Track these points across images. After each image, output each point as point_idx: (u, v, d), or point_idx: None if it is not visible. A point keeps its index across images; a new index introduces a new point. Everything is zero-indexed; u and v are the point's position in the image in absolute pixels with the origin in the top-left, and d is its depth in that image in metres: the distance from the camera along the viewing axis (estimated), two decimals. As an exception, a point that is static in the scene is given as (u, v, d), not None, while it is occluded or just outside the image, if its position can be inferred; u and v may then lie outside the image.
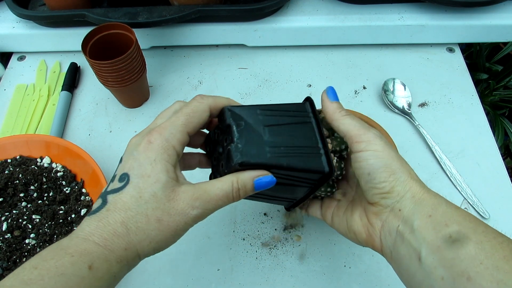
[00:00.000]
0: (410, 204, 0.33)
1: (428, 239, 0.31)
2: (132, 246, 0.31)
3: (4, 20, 0.69)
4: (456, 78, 0.67)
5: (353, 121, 0.36)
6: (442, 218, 0.31)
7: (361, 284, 0.48)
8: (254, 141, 0.34)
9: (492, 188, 0.55)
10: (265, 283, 0.48)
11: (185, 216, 0.32)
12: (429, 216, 0.32)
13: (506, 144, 1.07)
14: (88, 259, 0.29)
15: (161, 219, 0.31)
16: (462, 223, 0.30)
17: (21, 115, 0.63)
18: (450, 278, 0.28)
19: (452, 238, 0.30)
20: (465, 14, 0.66)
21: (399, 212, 0.34)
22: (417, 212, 0.32)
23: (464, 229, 0.30)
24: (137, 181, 0.32)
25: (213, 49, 0.72)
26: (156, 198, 0.31)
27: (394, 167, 0.34)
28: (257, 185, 0.34)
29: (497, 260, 0.27)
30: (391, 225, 0.34)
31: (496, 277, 0.26)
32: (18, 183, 0.52)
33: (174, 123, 0.33)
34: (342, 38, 0.69)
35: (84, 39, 0.54)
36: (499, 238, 0.29)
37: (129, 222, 0.31)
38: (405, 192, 0.34)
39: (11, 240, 0.47)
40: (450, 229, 0.30)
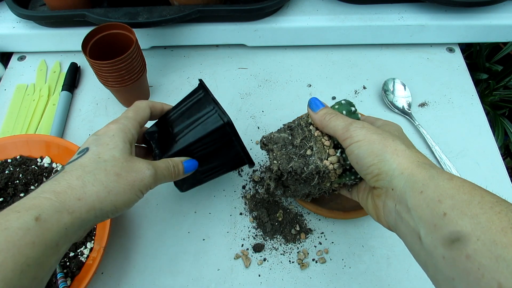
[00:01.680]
0: (401, 182, 0.33)
1: (424, 218, 0.30)
2: (88, 196, 0.32)
3: (4, 20, 0.69)
4: (456, 78, 0.67)
5: (337, 121, 0.38)
6: (434, 194, 0.30)
7: (361, 284, 0.48)
8: (166, 141, 0.44)
9: (492, 188, 0.54)
10: (265, 283, 0.48)
11: (142, 173, 0.36)
12: (421, 192, 0.31)
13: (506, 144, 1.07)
14: (35, 211, 0.30)
15: (120, 174, 0.35)
16: (455, 196, 0.29)
17: (21, 115, 0.63)
18: (450, 257, 0.28)
19: (446, 216, 0.29)
20: (465, 14, 0.66)
21: (392, 191, 0.34)
22: (408, 190, 0.32)
23: (458, 203, 0.29)
24: (95, 148, 0.36)
25: (213, 49, 0.72)
26: (114, 158, 0.36)
27: (376, 149, 0.35)
28: (186, 165, 0.42)
29: (494, 234, 0.26)
30: (390, 206, 0.35)
31: (494, 253, 0.25)
32: (18, 183, 0.53)
33: (126, 116, 0.41)
34: (342, 38, 0.69)
35: (84, 39, 0.54)
36: (496, 207, 0.27)
37: (86, 176, 0.33)
38: (393, 170, 0.34)
39: (11, 240, 0.47)
40: (443, 205, 0.29)
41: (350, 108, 0.43)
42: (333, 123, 0.39)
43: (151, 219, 0.54)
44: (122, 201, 0.34)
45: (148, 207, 0.55)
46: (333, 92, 0.66)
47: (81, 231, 0.33)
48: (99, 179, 0.33)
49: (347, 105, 0.43)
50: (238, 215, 0.53)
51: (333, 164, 0.39)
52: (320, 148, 0.40)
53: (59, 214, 0.31)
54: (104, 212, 0.34)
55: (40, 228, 0.29)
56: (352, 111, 0.43)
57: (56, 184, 0.32)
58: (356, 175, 0.41)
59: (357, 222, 0.53)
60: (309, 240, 0.51)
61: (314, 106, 0.42)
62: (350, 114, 0.42)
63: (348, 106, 0.43)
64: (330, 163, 0.39)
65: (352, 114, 0.43)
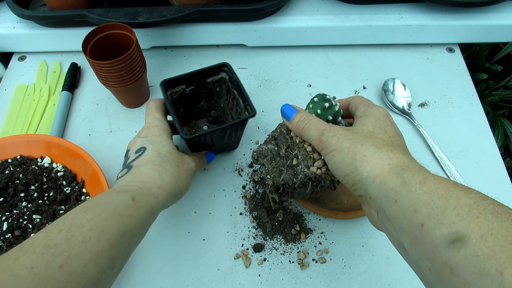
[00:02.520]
0: (375, 191, 0.32)
1: (404, 229, 0.29)
2: (165, 183, 0.40)
3: (5, 20, 0.69)
4: (456, 78, 0.67)
5: (310, 131, 0.39)
6: (408, 203, 0.28)
7: (361, 284, 0.48)
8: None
9: (492, 188, 0.55)
10: (265, 283, 0.48)
11: (190, 164, 0.46)
12: (395, 201, 0.29)
13: (506, 144, 1.07)
14: (131, 193, 0.37)
15: (179, 165, 0.44)
16: (430, 203, 0.27)
17: (22, 115, 0.63)
18: (435, 270, 0.26)
19: (424, 227, 0.27)
20: (465, 14, 0.66)
21: (370, 200, 0.33)
22: (383, 199, 0.31)
23: (433, 211, 0.27)
24: (152, 146, 0.43)
25: (213, 49, 0.72)
26: (171, 153, 0.44)
27: (346, 159, 0.34)
28: (208, 157, 0.53)
29: (474, 244, 0.24)
30: (373, 214, 0.34)
31: (477, 266, 0.23)
32: (18, 183, 0.53)
33: (156, 117, 0.47)
34: (342, 38, 0.69)
35: (85, 39, 0.54)
36: (474, 211, 0.25)
37: (158, 168, 0.41)
38: (365, 179, 0.33)
39: (11, 239, 0.47)
40: (419, 215, 0.27)
41: (324, 104, 0.41)
42: (307, 133, 0.39)
43: (151, 219, 0.54)
44: (185, 186, 0.44)
45: (148, 207, 0.55)
46: (333, 92, 0.66)
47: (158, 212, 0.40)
48: (169, 170, 0.42)
49: (321, 101, 0.41)
50: (238, 215, 0.53)
51: (320, 168, 0.39)
52: (304, 155, 0.40)
53: (147, 197, 0.38)
54: (175, 196, 0.42)
55: (135, 206, 0.36)
56: (327, 107, 0.41)
57: (138, 176, 0.40)
58: None
59: (357, 222, 0.53)
60: (309, 240, 0.51)
61: (286, 115, 0.41)
62: (325, 111, 0.41)
63: (321, 103, 0.41)
64: (317, 168, 0.39)
65: (328, 111, 0.41)
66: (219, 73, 0.55)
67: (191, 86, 0.55)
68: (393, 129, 0.38)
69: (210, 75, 0.55)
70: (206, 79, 0.55)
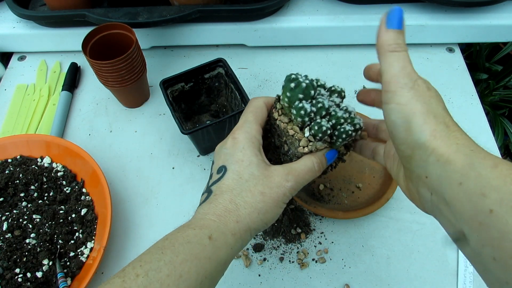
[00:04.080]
0: (436, 170, 0.28)
1: (466, 214, 0.26)
2: (242, 218, 0.34)
3: (5, 20, 0.69)
4: (456, 78, 0.67)
5: (395, 62, 0.32)
6: (476, 186, 0.26)
7: (361, 284, 0.48)
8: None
9: (492, 188, 0.55)
10: (265, 283, 0.48)
11: (283, 187, 0.36)
12: (460, 184, 0.27)
13: (506, 144, 1.07)
14: (208, 231, 0.32)
15: (264, 192, 0.35)
16: (502, 188, 0.25)
17: (22, 115, 0.63)
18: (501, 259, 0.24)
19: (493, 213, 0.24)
20: (465, 14, 0.66)
21: (426, 179, 0.29)
22: (444, 181, 0.28)
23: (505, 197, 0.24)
24: (233, 167, 0.36)
25: (213, 49, 0.72)
26: (254, 176, 0.36)
27: (414, 125, 0.29)
28: (328, 158, 0.39)
29: None
30: (425, 194, 0.31)
31: None
32: (18, 183, 0.53)
33: (247, 120, 0.39)
34: (342, 38, 0.69)
35: (85, 39, 0.54)
36: None
37: (236, 198, 0.35)
38: (427, 156, 0.29)
39: (11, 239, 0.47)
40: (488, 200, 0.25)
41: (309, 91, 0.37)
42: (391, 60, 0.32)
43: (151, 219, 0.54)
44: (270, 217, 0.36)
45: (148, 207, 0.55)
46: (333, 92, 0.66)
47: (241, 250, 0.36)
48: (248, 202, 0.35)
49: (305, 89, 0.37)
50: (238, 215, 0.53)
51: (305, 147, 0.38)
52: (291, 139, 0.39)
53: (224, 235, 0.33)
54: (257, 230, 0.36)
55: (213, 246, 0.32)
56: (310, 95, 0.37)
57: (215, 208, 0.35)
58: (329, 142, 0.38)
59: (357, 222, 0.53)
60: (309, 240, 0.51)
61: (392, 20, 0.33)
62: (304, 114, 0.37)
63: (302, 90, 0.37)
64: (303, 147, 0.38)
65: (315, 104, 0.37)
66: (215, 68, 0.57)
67: (190, 83, 0.57)
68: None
69: (207, 71, 0.57)
70: (204, 75, 0.57)
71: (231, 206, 0.34)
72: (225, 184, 0.36)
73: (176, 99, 0.57)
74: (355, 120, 0.38)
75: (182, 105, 0.59)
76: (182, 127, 0.50)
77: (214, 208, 0.35)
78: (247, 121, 0.39)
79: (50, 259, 0.47)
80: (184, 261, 0.30)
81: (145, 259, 0.31)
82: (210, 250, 0.32)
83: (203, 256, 0.31)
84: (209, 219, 0.34)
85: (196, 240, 0.32)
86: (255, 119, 0.39)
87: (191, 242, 0.31)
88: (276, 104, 0.40)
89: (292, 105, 0.37)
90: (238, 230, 0.34)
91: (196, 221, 0.34)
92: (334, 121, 0.37)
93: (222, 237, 0.33)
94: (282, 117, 0.39)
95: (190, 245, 0.31)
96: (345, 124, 0.37)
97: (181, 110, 0.59)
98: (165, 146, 0.60)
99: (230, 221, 0.34)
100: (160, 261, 0.30)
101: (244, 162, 0.36)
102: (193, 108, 0.60)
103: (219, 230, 0.33)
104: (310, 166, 0.37)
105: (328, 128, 0.37)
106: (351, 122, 0.38)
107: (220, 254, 0.32)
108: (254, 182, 0.35)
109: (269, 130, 0.42)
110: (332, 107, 0.39)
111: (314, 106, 0.37)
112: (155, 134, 0.62)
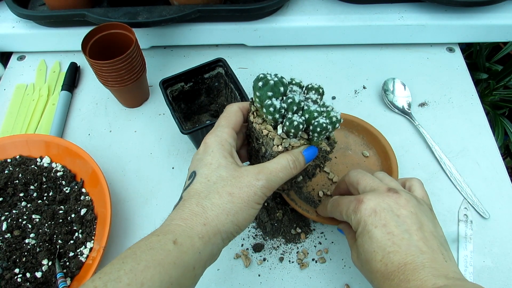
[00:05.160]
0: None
1: None
2: (210, 221, 0.33)
3: (4, 20, 0.69)
4: (456, 78, 0.67)
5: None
6: None
7: (361, 284, 0.48)
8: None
9: (492, 188, 0.55)
10: (265, 283, 0.48)
11: (253, 187, 0.35)
12: None
13: (506, 144, 1.07)
14: (172, 236, 0.32)
15: (232, 193, 0.34)
16: None
17: (21, 115, 0.63)
18: None
19: None
20: (465, 14, 0.66)
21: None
22: None
23: None
24: (201, 171, 0.36)
25: (213, 48, 0.72)
26: (222, 178, 0.35)
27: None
28: (306, 155, 0.38)
29: None
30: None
31: None
32: (18, 183, 0.52)
33: (219, 125, 0.39)
34: (342, 38, 0.69)
35: (84, 39, 0.54)
36: None
37: (203, 201, 0.34)
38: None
39: (11, 239, 0.47)
40: None
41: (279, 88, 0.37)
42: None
43: (151, 219, 0.53)
44: (242, 218, 0.34)
45: (148, 207, 0.54)
46: (333, 92, 0.66)
47: (212, 256, 0.34)
48: (215, 203, 0.34)
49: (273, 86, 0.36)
50: (238, 215, 0.53)
51: (279, 146, 0.37)
52: (266, 139, 0.38)
53: (191, 239, 0.32)
54: (229, 233, 0.34)
55: (178, 251, 0.31)
56: (280, 92, 0.37)
57: (181, 212, 0.34)
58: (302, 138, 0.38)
59: (357, 222, 0.53)
60: (309, 240, 0.51)
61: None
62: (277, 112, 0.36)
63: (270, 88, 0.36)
64: (276, 146, 0.37)
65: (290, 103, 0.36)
66: (215, 68, 0.57)
67: (190, 83, 0.57)
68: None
69: (207, 71, 0.57)
70: (204, 75, 0.58)
71: (197, 209, 0.34)
72: (193, 189, 0.35)
73: (176, 99, 0.57)
74: (331, 113, 0.37)
75: (182, 105, 0.59)
76: (182, 127, 0.50)
77: (181, 212, 0.34)
78: (219, 125, 0.39)
79: (50, 259, 0.47)
80: (146, 268, 0.29)
81: (105, 271, 0.29)
82: (175, 255, 0.31)
83: (167, 262, 0.30)
84: (174, 224, 0.33)
85: (159, 246, 0.31)
86: (227, 123, 0.39)
87: (154, 248, 0.31)
88: (251, 107, 0.40)
89: (263, 104, 0.37)
90: (206, 232, 0.33)
91: (161, 228, 0.33)
92: (308, 116, 0.37)
93: (188, 241, 0.32)
94: (256, 119, 0.39)
95: (152, 251, 0.30)
96: (319, 118, 0.36)
97: (181, 110, 0.59)
98: (164, 146, 0.60)
99: (197, 224, 0.33)
100: (120, 271, 0.29)
101: (213, 165, 0.36)
102: (193, 108, 0.60)
103: (185, 234, 0.32)
104: (284, 164, 0.36)
105: (300, 122, 0.36)
106: (327, 115, 0.37)
107: (186, 259, 0.31)
108: (222, 183, 0.35)
109: (249, 135, 0.42)
110: (304, 101, 0.38)
111: (284, 102, 0.37)
112: (155, 134, 0.62)
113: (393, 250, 0.34)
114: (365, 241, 0.36)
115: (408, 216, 0.36)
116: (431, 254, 0.34)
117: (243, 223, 0.35)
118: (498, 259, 0.49)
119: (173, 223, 0.33)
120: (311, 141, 0.38)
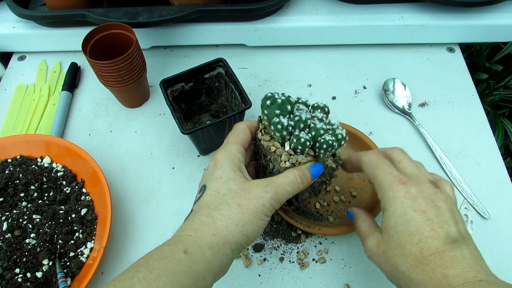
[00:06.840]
0: None
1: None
2: (220, 231, 0.34)
3: (5, 20, 0.69)
4: (456, 78, 0.67)
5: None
6: None
7: (361, 284, 0.48)
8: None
9: (492, 188, 0.55)
10: (265, 283, 0.48)
11: (261, 199, 0.36)
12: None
13: (506, 144, 1.07)
14: (183, 245, 0.33)
15: (241, 204, 0.35)
16: None
17: (22, 115, 0.63)
18: None
19: None
20: (465, 14, 0.66)
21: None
22: None
23: None
24: (211, 184, 0.38)
25: (213, 49, 0.72)
26: (231, 190, 0.36)
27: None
28: (313, 171, 0.39)
29: None
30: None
31: None
32: (18, 183, 0.53)
33: (228, 141, 0.41)
34: (342, 38, 0.69)
35: (85, 39, 0.54)
36: None
37: (213, 212, 0.35)
38: None
39: (11, 239, 0.47)
40: None
41: (286, 107, 0.38)
42: None
43: (151, 219, 0.54)
44: (251, 229, 0.35)
45: (148, 207, 0.55)
46: (333, 92, 0.66)
47: (222, 267, 0.35)
48: (225, 214, 0.35)
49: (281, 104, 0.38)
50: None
51: (286, 162, 0.38)
52: (273, 156, 0.39)
53: (201, 249, 0.33)
54: (239, 244, 0.35)
55: (189, 260, 0.32)
56: (288, 110, 0.38)
57: (192, 223, 0.35)
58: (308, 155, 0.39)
59: (357, 222, 0.53)
60: (309, 240, 0.51)
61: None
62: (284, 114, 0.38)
63: (278, 106, 0.38)
64: (284, 162, 0.38)
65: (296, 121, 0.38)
66: (215, 68, 0.57)
67: (190, 83, 0.57)
68: None
69: (207, 71, 0.57)
70: (204, 75, 0.58)
71: (207, 219, 0.35)
72: (204, 201, 0.37)
73: (176, 99, 0.57)
74: (336, 130, 0.39)
75: (182, 105, 0.59)
76: (182, 127, 0.50)
77: (191, 223, 0.35)
78: (228, 142, 0.41)
79: (50, 259, 0.47)
80: (159, 277, 0.30)
81: (119, 279, 0.31)
82: (186, 264, 0.32)
83: (178, 271, 0.31)
84: (185, 234, 0.34)
85: (171, 255, 0.32)
86: (236, 140, 0.41)
87: (166, 258, 0.32)
88: (259, 125, 0.41)
89: (270, 121, 0.38)
90: (216, 243, 0.34)
91: (173, 238, 0.34)
92: (314, 133, 0.38)
93: (199, 250, 0.33)
94: (264, 136, 0.40)
95: (164, 260, 0.31)
96: (325, 135, 0.38)
97: (181, 110, 0.59)
98: (165, 146, 0.60)
99: (206, 234, 0.34)
100: (134, 279, 0.30)
101: (222, 179, 0.37)
102: (193, 108, 0.60)
103: (195, 244, 0.33)
104: (291, 178, 0.38)
105: (307, 139, 0.37)
106: (332, 133, 0.38)
107: (196, 268, 0.32)
108: (231, 195, 0.36)
109: (257, 152, 0.43)
110: (310, 119, 0.39)
111: (291, 120, 0.38)
112: (155, 134, 0.62)
113: (432, 235, 0.34)
114: (400, 223, 0.35)
115: (447, 210, 0.35)
116: (470, 249, 0.33)
117: (252, 234, 0.36)
118: (498, 259, 0.49)
119: (184, 234, 0.34)
120: (318, 158, 0.39)
